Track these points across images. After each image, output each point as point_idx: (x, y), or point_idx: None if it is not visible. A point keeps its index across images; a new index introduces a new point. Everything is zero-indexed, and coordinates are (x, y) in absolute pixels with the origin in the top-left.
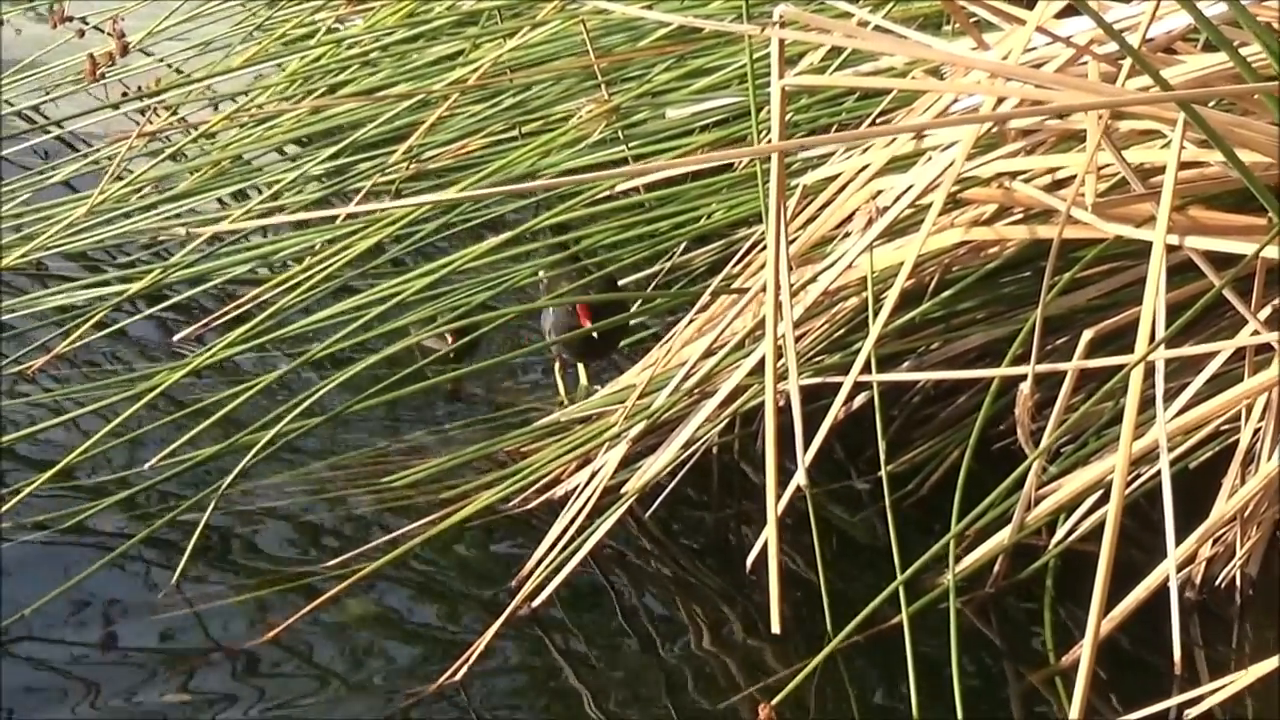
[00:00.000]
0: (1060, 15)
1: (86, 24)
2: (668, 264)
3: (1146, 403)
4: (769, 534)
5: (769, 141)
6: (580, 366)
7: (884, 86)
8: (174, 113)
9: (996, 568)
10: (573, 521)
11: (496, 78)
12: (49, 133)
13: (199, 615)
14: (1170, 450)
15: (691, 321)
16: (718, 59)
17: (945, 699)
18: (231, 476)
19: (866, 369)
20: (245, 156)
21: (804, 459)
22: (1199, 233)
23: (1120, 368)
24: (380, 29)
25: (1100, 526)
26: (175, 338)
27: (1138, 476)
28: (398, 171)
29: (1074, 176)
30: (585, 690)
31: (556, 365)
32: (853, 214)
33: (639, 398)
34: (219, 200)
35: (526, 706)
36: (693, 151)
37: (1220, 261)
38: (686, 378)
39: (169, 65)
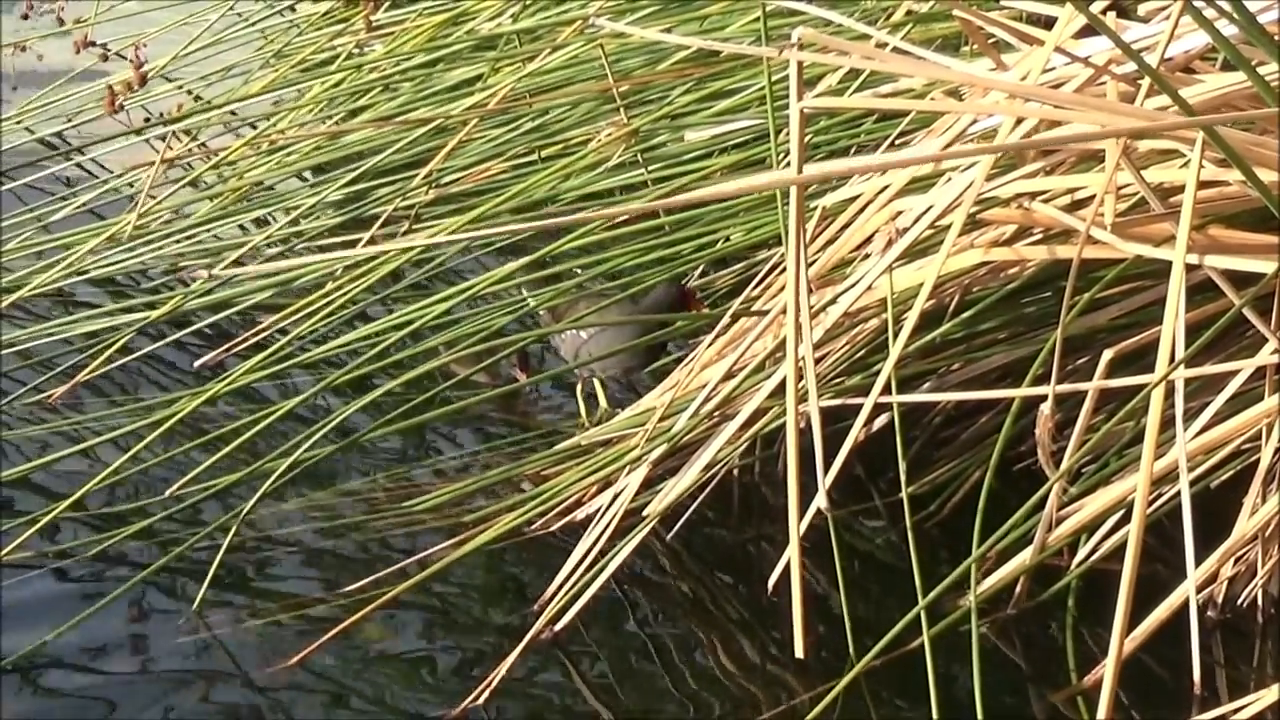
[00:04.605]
0: (1079, 35)
1: (108, 50)
2: (688, 286)
3: (1167, 422)
4: (791, 556)
5: (788, 164)
6: (599, 388)
7: (903, 108)
8: (194, 138)
9: (1018, 588)
10: (594, 544)
11: (516, 102)
12: (70, 159)
13: (220, 641)
14: (1191, 470)
15: (712, 344)
16: (736, 82)
17: None
18: (252, 502)
19: (887, 390)
20: (266, 182)
21: (825, 481)
22: (1219, 252)
23: (1141, 387)
24: (400, 54)
25: (1122, 546)
26: (196, 364)
27: (1159, 496)
28: (418, 196)
29: (1093, 196)
30: (607, 714)
31: (579, 387)
32: (872, 235)
33: (660, 420)
34: (240, 227)
35: None
36: (713, 174)
37: (1240, 280)
38: (707, 400)
39: (189, 91)
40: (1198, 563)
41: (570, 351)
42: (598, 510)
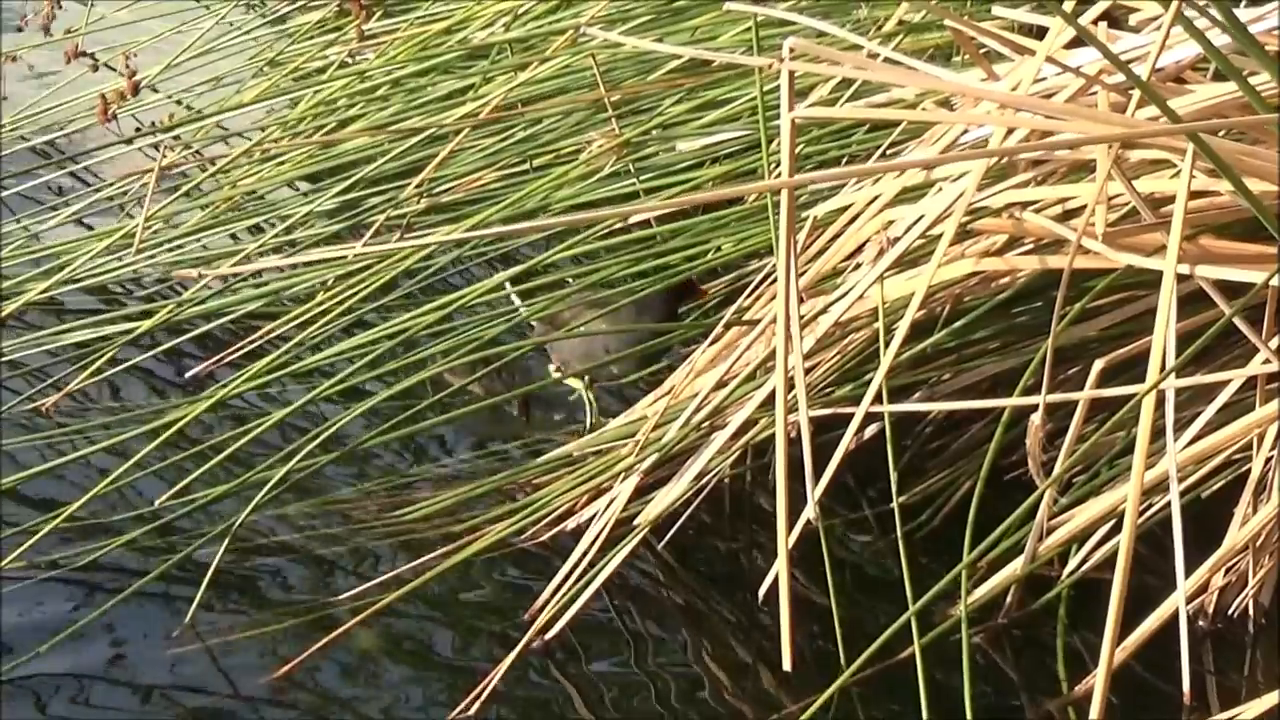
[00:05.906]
0: (1070, 46)
1: (97, 60)
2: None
3: (1158, 432)
4: (780, 567)
5: (779, 175)
6: (588, 398)
7: (894, 118)
8: (187, 146)
9: (1009, 598)
10: (585, 554)
11: (508, 111)
12: (62, 168)
13: (213, 651)
14: (1182, 480)
15: (704, 353)
16: (728, 92)
17: None
18: (246, 512)
19: (878, 400)
20: (258, 192)
21: (815, 491)
22: (1209, 262)
23: (1131, 397)
24: (392, 63)
25: (1113, 556)
26: (189, 374)
27: (1150, 506)
28: (410, 206)
29: (1084, 206)
30: None
31: (553, 367)
32: (863, 245)
33: (651, 429)
34: (232, 236)
35: None
36: (704, 184)
37: (1231, 290)
38: (698, 409)
39: (179, 101)
40: (1189, 572)
41: (582, 354)
42: (589, 519)
